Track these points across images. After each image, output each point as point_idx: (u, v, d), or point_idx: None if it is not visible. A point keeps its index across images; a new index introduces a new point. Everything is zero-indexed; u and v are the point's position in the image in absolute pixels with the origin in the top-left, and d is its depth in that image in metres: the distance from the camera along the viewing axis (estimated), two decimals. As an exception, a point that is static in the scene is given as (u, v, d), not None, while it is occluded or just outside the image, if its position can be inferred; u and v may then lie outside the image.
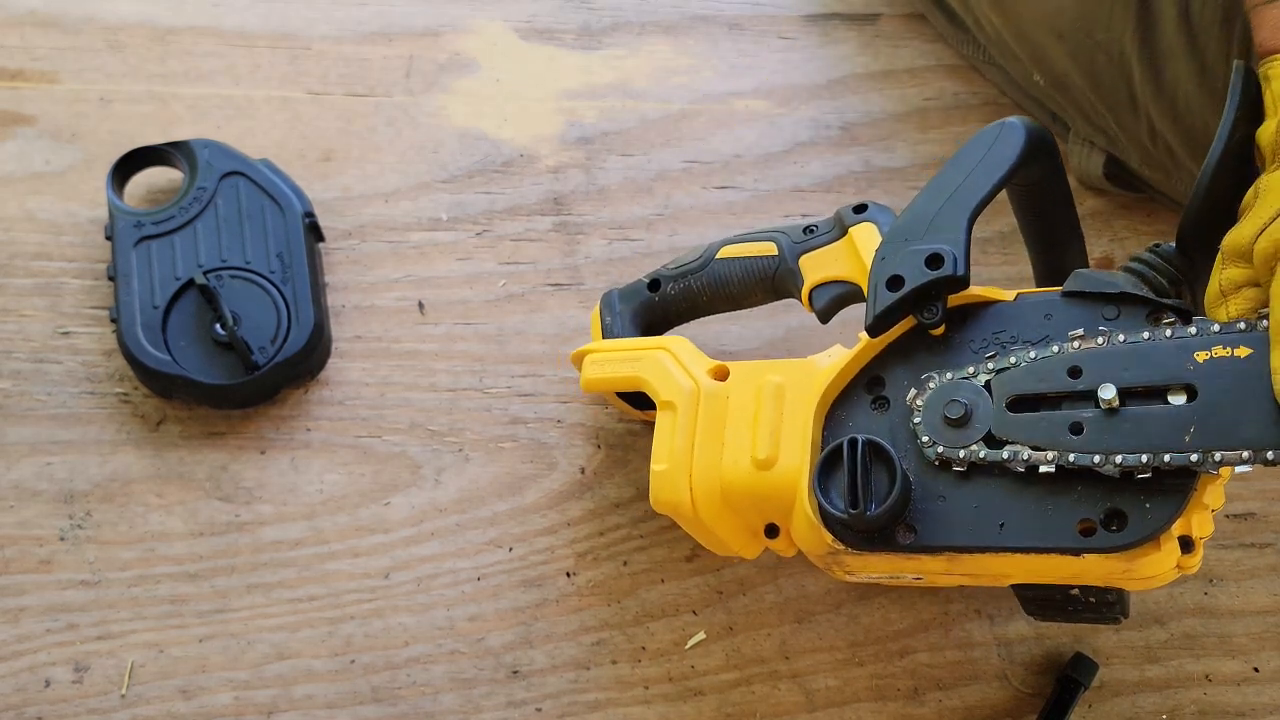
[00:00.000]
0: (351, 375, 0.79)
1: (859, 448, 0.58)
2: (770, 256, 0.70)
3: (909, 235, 0.61)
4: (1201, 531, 0.56)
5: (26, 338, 0.79)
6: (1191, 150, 0.74)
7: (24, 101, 0.85)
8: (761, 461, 0.62)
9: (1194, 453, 0.52)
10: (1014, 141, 0.61)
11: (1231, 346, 0.52)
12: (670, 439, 0.65)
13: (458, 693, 0.71)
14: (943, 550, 0.58)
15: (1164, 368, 0.54)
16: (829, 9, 0.91)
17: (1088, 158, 0.81)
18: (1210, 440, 0.52)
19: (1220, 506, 0.57)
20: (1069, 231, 0.68)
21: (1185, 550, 0.56)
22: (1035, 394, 0.57)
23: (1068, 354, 0.56)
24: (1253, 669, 0.71)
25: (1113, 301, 0.58)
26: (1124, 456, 0.53)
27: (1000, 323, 0.60)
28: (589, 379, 0.70)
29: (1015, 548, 0.56)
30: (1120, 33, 0.73)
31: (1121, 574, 0.56)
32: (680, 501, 0.64)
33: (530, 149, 0.86)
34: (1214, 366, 0.53)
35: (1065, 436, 0.55)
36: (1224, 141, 0.57)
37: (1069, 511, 0.56)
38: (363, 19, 0.89)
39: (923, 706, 0.71)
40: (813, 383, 0.63)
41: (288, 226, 0.78)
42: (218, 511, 0.75)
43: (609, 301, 0.74)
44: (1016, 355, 0.58)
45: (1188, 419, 0.53)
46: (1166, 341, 0.54)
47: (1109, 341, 0.56)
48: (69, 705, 0.70)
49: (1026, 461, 0.56)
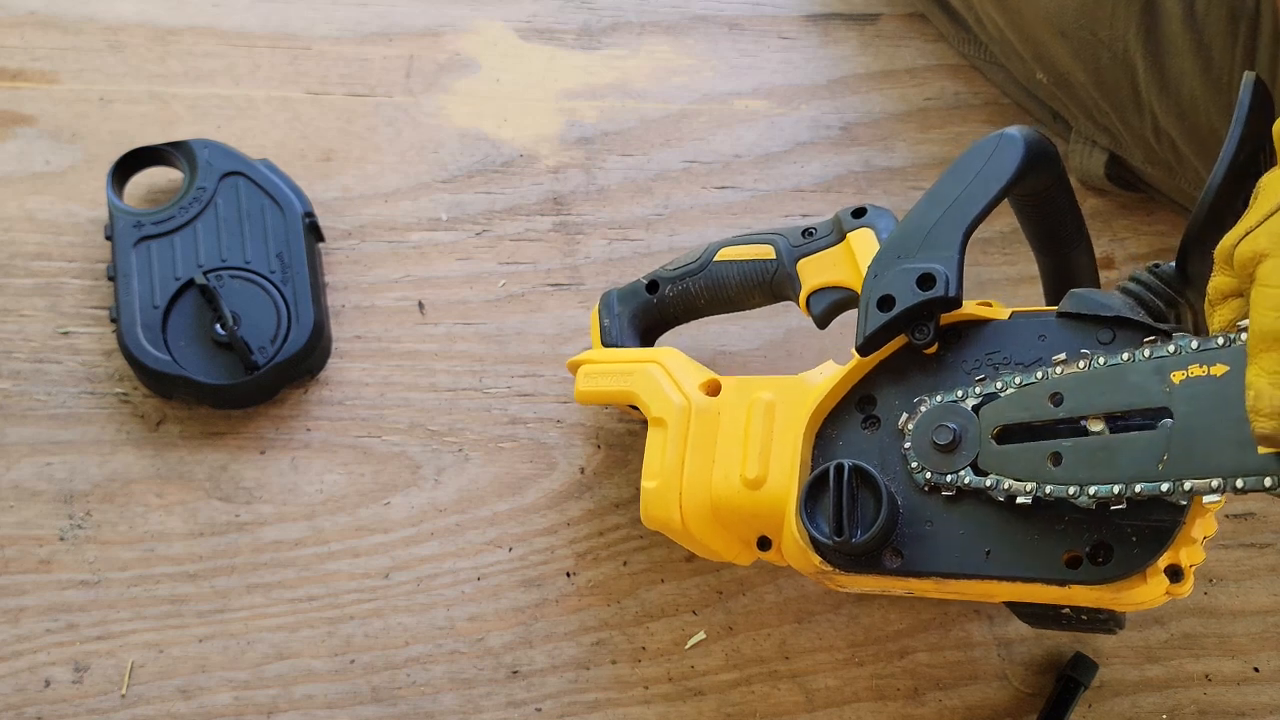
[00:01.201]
0: (351, 375, 0.79)
1: (845, 474, 0.58)
2: (768, 260, 0.70)
3: (902, 251, 0.60)
4: (1191, 560, 0.55)
5: (26, 338, 0.79)
6: (1196, 146, 0.73)
7: (24, 101, 0.85)
8: (751, 481, 0.62)
9: (1165, 482, 0.50)
10: (1012, 154, 0.60)
11: (1208, 365, 0.50)
12: (660, 455, 0.65)
13: (458, 693, 0.71)
14: (929, 576, 0.57)
15: (1141, 391, 0.52)
16: (829, 9, 0.91)
17: (1089, 157, 0.81)
18: (1181, 469, 0.50)
19: (1212, 533, 0.55)
20: (1075, 239, 0.67)
21: (1174, 580, 0.55)
22: (1021, 423, 0.55)
23: (1050, 379, 0.55)
24: (1253, 669, 0.71)
25: (1108, 325, 0.56)
26: (1098, 488, 0.52)
27: (994, 343, 0.59)
28: (582, 391, 0.70)
29: (1001, 576, 0.56)
30: (1124, 29, 0.73)
31: (1109, 600, 0.56)
32: (670, 518, 0.64)
33: (530, 149, 0.86)
34: (1190, 388, 0.50)
35: (1045, 468, 0.54)
36: (1230, 156, 0.55)
37: (1055, 542, 0.55)
38: (363, 19, 0.89)
39: (923, 706, 0.71)
40: (804, 401, 0.62)
41: (288, 226, 0.78)
42: (218, 511, 0.75)
43: (607, 303, 0.74)
44: (1003, 381, 0.57)
45: (1160, 447, 0.50)
46: (1144, 363, 0.52)
47: (1089, 365, 0.54)
48: (69, 705, 0.70)
49: (1007, 492, 0.55)
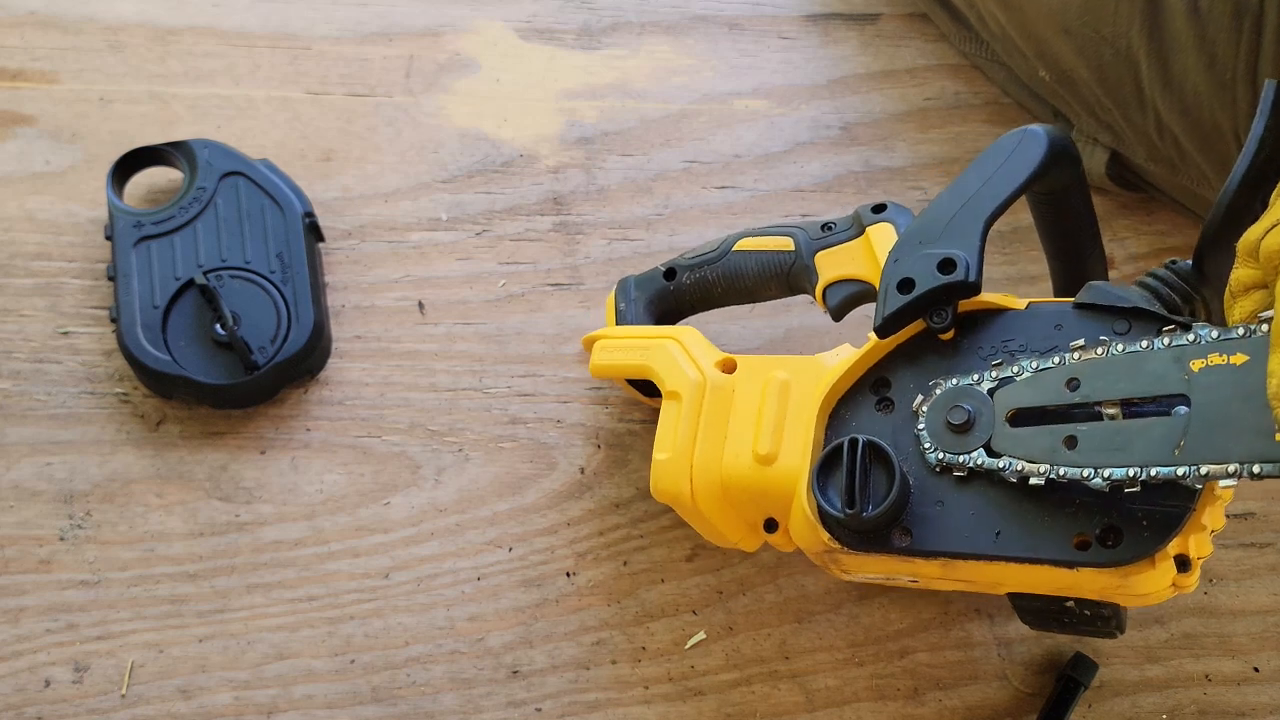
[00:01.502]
0: (351, 375, 0.79)
1: (859, 448, 0.58)
2: (787, 252, 0.70)
3: (923, 238, 0.61)
4: (1199, 552, 0.55)
5: (26, 338, 0.79)
6: (1199, 143, 0.73)
7: (24, 101, 0.85)
8: (762, 457, 0.63)
9: (1181, 466, 0.50)
10: (1035, 150, 0.61)
11: (1228, 354, 0.51)
12: (674, 429, 0.65)
13: (458, 693, 0.71)
14: (937, 555, 0.58)
15: (1159, 378, 0.52)
16: (829, 9, 0.91)
17: (1090, 156, 0.81)
18: (1198, 454, 0.50)
19: (1221, 528, 0.56)
20: (1089, 240, 0.68)
21: (1181, 569, 0.55)
22: (1035, 407, 0.56)
23: (1067, 365, 0.56)
24: (1253, 669, 0.71)
25: (1124, 316, 0.57)
26: (1112, 471, 0.52)
27: (1010, 331, 0.60)
28: (597, 364, 0.71)
29: (1009, 557, 0.56)
30: (1127, 26, 0.73)
31: (1116, 589, 0.56)
32: (680, 492, 0.65)
33: (530, 149, 0.86)
34: (1209, 376, 0.51)
35: (1060, 450, 0.54)
36: (1250, 158, 0.55)
37: (1065, 524, 0.55)
38: (363, 19, 0.89)
39: (923, 706, 0.71)
40: (818, 381, 0.63)
41: (288, 226, 0.78)
42: (218, 511, 0.75)
43: (624, 288, 0.74)
44: (1020, 366, 0.58)
45: (1178, 432, 0.51)
46: (1163, 351, 0.53)
47: (1107, 352, 0.55)
48: (69, 705, 0.70)
49: (1020, 473, 0.56)
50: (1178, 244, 0.82)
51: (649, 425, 0.77)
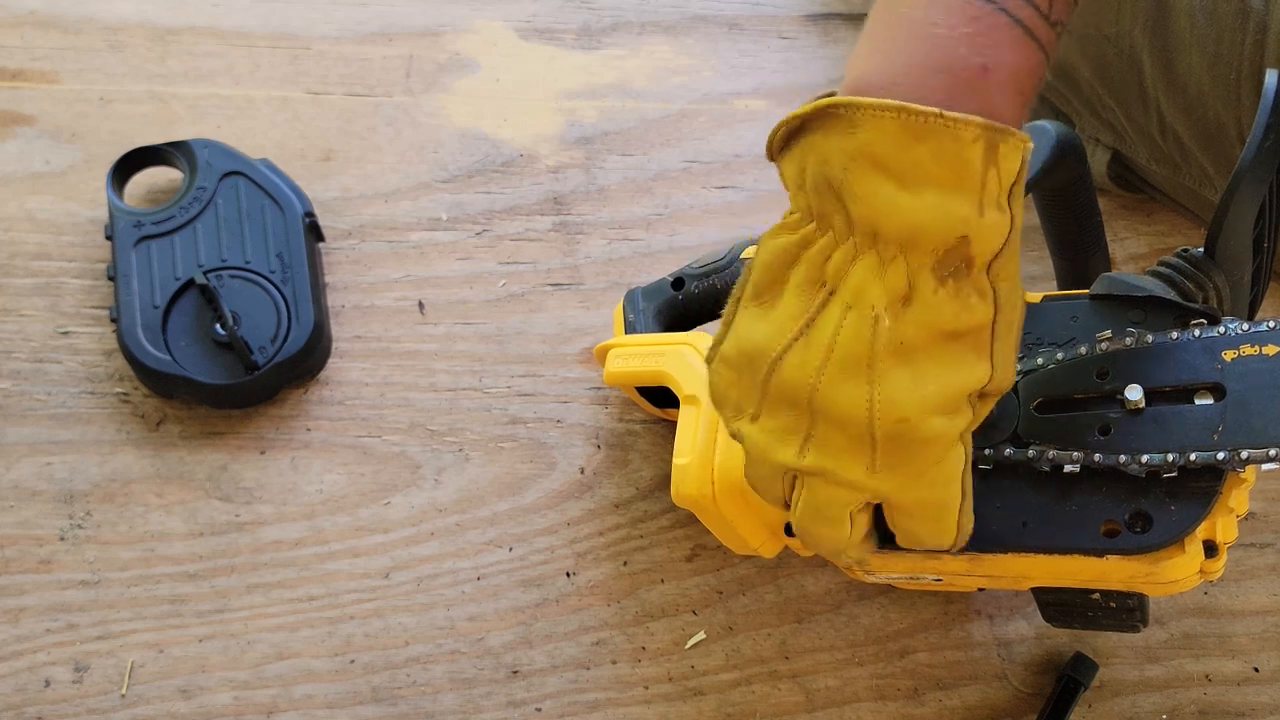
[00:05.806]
0: (351, 375, 0.79)
1: None
2: None
3: None
4: (1226, 536, 0.56)
5: (26, 338, 0.79)
6: (1203, 143, 0.73)
7: (24, 101, 0.85)
8: None
9: (1221, 451, 0.52)
10: (1042, 145, 0.61)
11: (1260, 345, 0.53)
12: (693, 433, 0.65)
13: (458, 693, 0.71)
14: (964, 550, 0.58)
15: (1192, 368, 0.54)
16: (829, 9, 0.91)
17: (1091, 156, 0.81)
18: (1237, 439, 0.52)
19: (1244, 512, 0.57)
20: (1093, 238, 0.67)
21: (1209, 555, 0.55)
22: (1063, 396, 0.57)
23: (1095, 355, 0.56)
24: (1253, 669, 0.71)
25: (1139, 306, 0.57)
26: (1150, 456, 0.53)
27: (1026, 324, 0.59)
28: (612, 373, 0.70)
29: (1038, 548, 0.56)
30: (1130, 26, 0.73)
31: (1145, 577, 0.56)
32: (702, 496, 0.64)
33: (530, 149, 0.86)
34: (1242, 365, 0.53)
35: (1092, 437, 0.55)
36: (1256, 145, 0.56)
37: (1093, 513, 0.55)
38: (363, 19, 0.89)
39: (923, 706, 0.71)
40: None
41: (288, 226, 0.78)
42: (218, 511, 0.75)
43: (632, 299, 0.74)
44: (1044, 356, 0.58)
45: (1215, 418, 0.53)
46: (1194, 341, 0.54)
47: (1136, 342, 0.56)
48: (69, 705, 0.70)
49: (1052, 461, 0.56)
50: (1178, 244, 0.82)
51: (649, 425, 0.77)
